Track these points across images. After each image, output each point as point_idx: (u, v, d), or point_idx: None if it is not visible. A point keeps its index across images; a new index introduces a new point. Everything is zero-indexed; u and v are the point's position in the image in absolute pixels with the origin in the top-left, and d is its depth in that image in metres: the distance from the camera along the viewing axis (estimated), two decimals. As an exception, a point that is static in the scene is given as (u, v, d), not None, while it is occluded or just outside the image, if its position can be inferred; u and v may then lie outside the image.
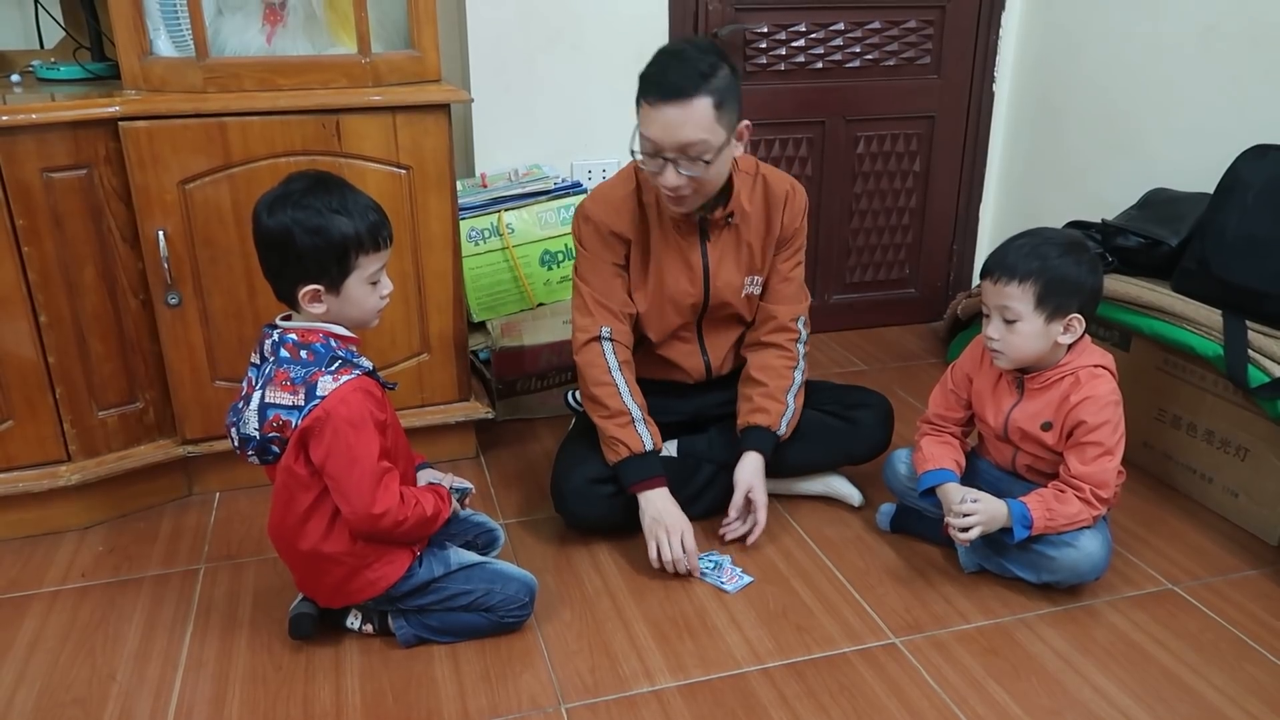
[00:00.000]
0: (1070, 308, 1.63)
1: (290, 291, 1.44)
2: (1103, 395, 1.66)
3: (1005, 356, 1.69)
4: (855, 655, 1.61)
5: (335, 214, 1.39)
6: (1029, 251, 1.64)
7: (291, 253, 1.39)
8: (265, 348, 1.45)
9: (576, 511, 1.88)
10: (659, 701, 1.51)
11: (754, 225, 1.88)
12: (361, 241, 1.42)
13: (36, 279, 1.77)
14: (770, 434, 1.87)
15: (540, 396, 2.43)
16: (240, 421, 1.44)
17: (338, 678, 1.55)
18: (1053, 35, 2.77)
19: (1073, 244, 1.66)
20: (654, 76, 1.64)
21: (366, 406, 1.42)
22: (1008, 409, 1.75)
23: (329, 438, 1.39)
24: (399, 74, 1.92)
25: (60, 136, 1.72)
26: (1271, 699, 1.52)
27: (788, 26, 2.70)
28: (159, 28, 1.83)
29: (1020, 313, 1.63)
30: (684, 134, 1.63)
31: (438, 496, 1.55)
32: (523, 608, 1.61)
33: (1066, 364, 1.69)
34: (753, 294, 1.94)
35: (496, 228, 2.36)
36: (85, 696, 1.51)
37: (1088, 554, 1.67)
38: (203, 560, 1.86)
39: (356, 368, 1.44)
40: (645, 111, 1.65)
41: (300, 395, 1.40)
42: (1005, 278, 1.64)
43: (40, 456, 1.88)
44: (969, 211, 3.06)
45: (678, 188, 1.69)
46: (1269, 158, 1.98)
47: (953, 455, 1.82)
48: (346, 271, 1.43)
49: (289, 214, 1.38)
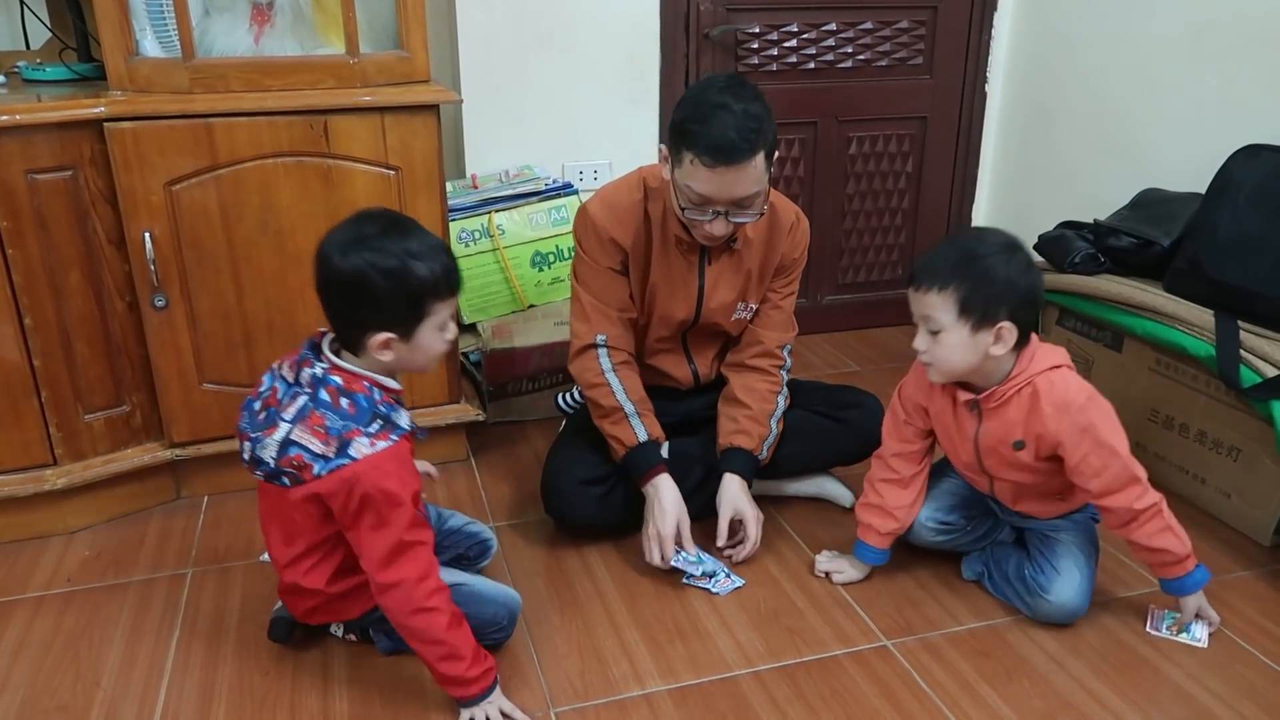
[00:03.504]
0: (998, 315, 1.48)
1: (359, 338, 1.37)
2: (1072, 399, 1.52)
3: (935, 369, 1.56)
4: (846, 658, 1.60)
5: (412, 258, 1.32)
6: (951, 255, 1.51)
7: (367, 299, 1.32)
8: (303, 375, 1.37)
9: (566, 513, 1.87)
10: (649, 705, 1.50)
11: (755, 251, 1.85)
12: (438, 288, 1.35)
13: (21, 282, 1.75)
14: (752, 457, 1.86)
15: (531, 399, 2.42)
16: (257, 443, 1.38)
17: (325, 684, 1.53)
18: (1045, 36, 2.77)
19: (1003, 245, 1.51)
20: (705, 137, 1.55)
21: (399, 475, 1.35)
22: (972, 435, 1.63)
23: (357, 504, 1.33)
24: (388, 75, 1.91)
25: (45, 138, 1.71)
26: (1264, 701, 1.51)
27: (779, 27, 2.69)
28: (145, 28, 1.82)
29: (942, 322, 1.50)
30: (740, 190, 1.60)
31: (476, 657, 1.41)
32: (501, 630, 1.57)
33: (1018, 375, 1.54)
34: (743, 319, 1.92)
35: (487, 229, 2.34)
36: (69, 703, 1.49)
37: (1059, 605, 1.65)
38: (190, 565, 1.84)
39: (396, 430, 1.37)
40: (696, 169, 1.58)
41: (332, 448, 1.33)
42: (926, 284, 1.51)
43: (26, 460, 1.86)
44: (961, 212, 3.06)
45: (725, 234, 1.69)
46: (1261, 158, 1.98)
47: (889, 519, 1.74)
48: (420, 319, 1.36)
49: (364, 257, 1.31)
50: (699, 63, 2.64)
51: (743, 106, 1.57)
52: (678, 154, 1.62)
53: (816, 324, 3.01)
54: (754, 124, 1.56)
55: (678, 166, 1.63)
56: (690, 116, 1.58)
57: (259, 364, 1.96)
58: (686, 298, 1.85)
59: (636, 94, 2.61)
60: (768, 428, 1.88)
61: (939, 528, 1.77)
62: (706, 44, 2.63)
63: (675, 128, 1.62)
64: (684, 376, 1.98)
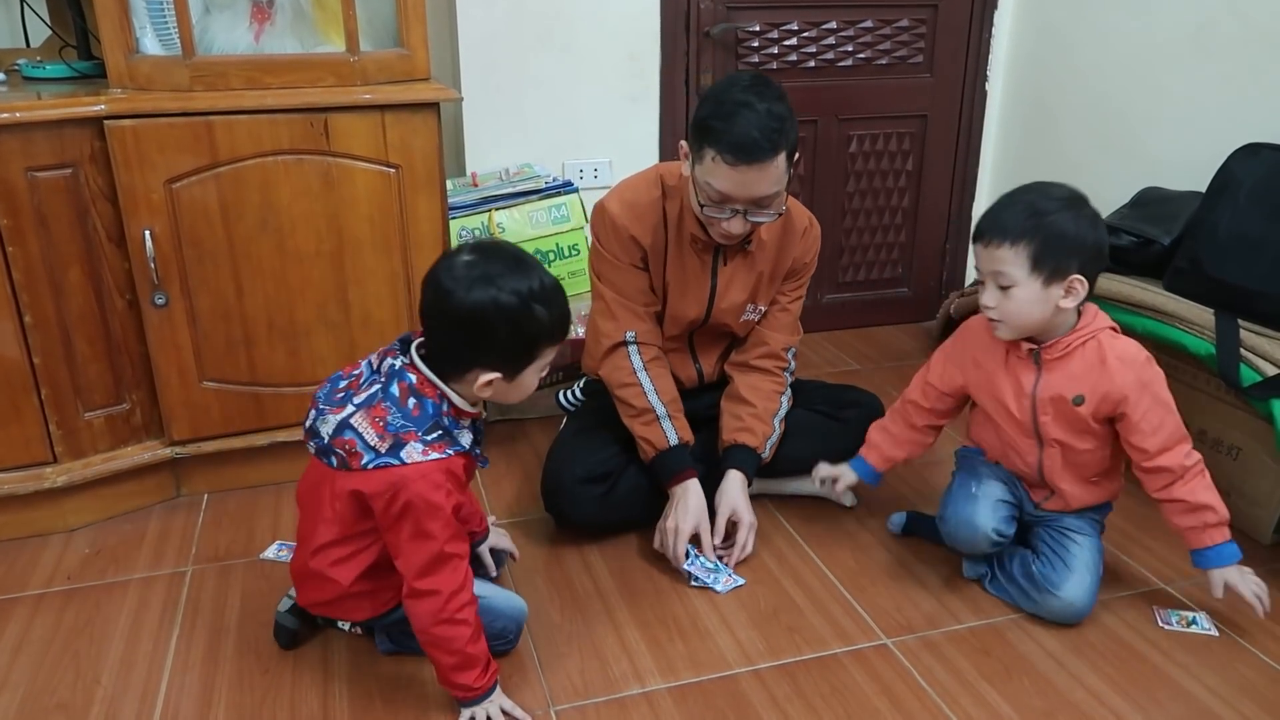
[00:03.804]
0: (1070, 268, 1.49)
1: (464, 372, 1.36)
2: (1135, 355, 1.56)
3: (1005, 325, 1.56)
4: (846, 656, 1.60)
5: (535, 302, 1.31)
6: (1022, 209, 1.51)
7: (484, 339, 1.31)
8: (384, 365, 1.38)
9: (566, 511, 1.87)
10: (649, 704, 1.50)
11: (768, 253, 1.85)
12: (554, 333, 1.36)
13: (21, 279, 1.75)
14: (755, 455, 1.86)
15: (531, 397, 2.41)
16: (320, 415, 1.38)
17: (325, 681, 1.53)
18: (1045, 34, 2.77)
19: (1071, 198, 1.52)
20: (728, 135, 1.55)
21: (446, 488, 1.34)
22: (1030, 389, 1.62)
23: (400, 509, 1.32)
24: (388, 72, 1.91)
25: (45, 135, 1.71)
26: (1263, 699, 1.51)
27: (780, 25, 2.69)
28: (145, 26, 1.82)
29: (1015, 277, 1.51)
30: (760, 189, 1.60)
31: (485, 666, 1.42)
32: (508, 643, 1.57)
33: (1082, 327, 1.57)
34: (751, 320, 1.92)
35: (487, 227, 2.34)
36: (69, 701, 1.49)
37: (1069, 603, 1.64)
38: (190, 562, 1.84)
39: (453, 445, 1.36)
40: (717, 167, 1.58)
41: (385, 444, 1.32)
42: (997, 240, 1.51)
43: (26, 458, 1.86)
44: (962, 211, 3.06)
45: (742, 233, 1.70)
46: (1261, 156, 1.98)
47: (887, 445, 1.84)
48: (530, 361, 1.37)
49: (490, 294, 1.29)
50: (699, 61, 2.64)
51: (766, 106, 1.56)
52: (699, 151, 1.62)
53: (817, 322, 3.01)
54: (777, 124, 1.56)
55: (698, 163, 1.63)
56: (713, 114, 1.58)
57: (259, 362, 1.96)
58: (698, 297, 1.85)
59: (637, 92, 2.61)
60: (771, 426, 1.88)
61: (999, 539, 1.70)
62: (707, 42, 2.63)
63: (698, 124, 1.61)
64: (688, 376, 1.98)
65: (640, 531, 1.92)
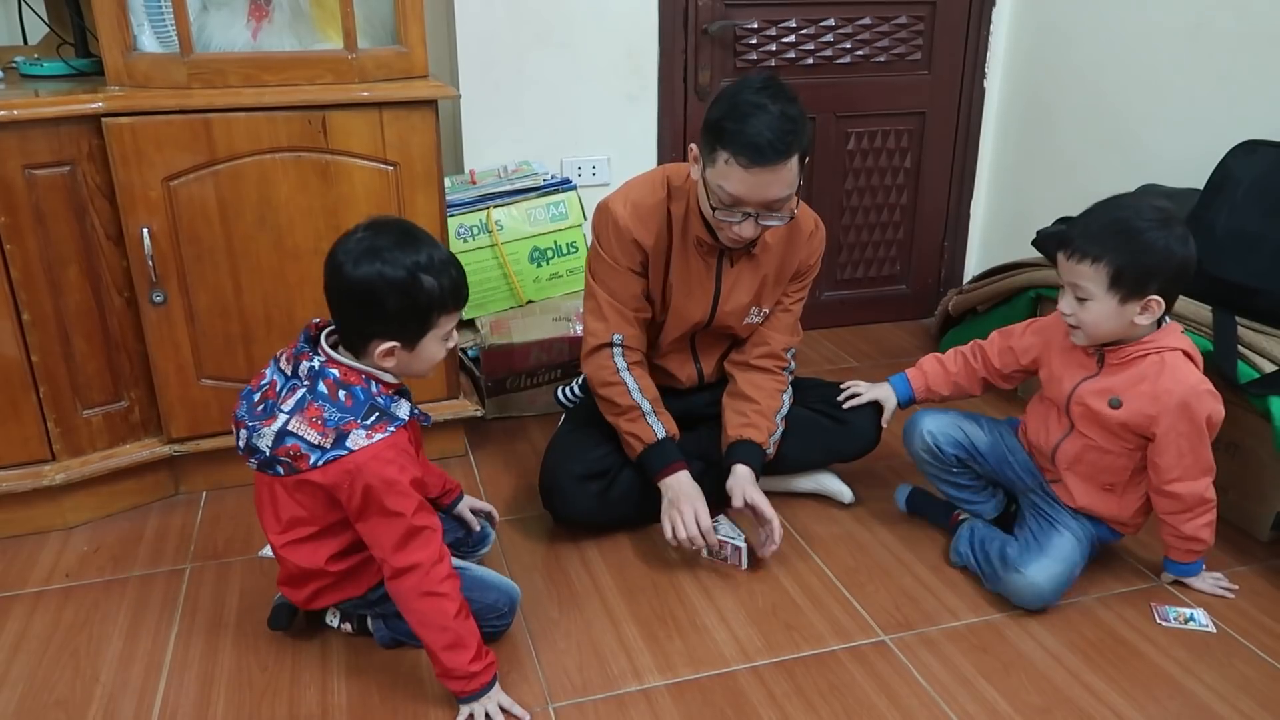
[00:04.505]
0: (1148, 289, 1.52)
1: (363, 344, 1.39)
2: (1194, 383, 1.56)
3: (1081, 333, 1.61)
4: (844, 653, 1.61)
5: (423, 272, 1.35)
6: (1108, 228, 1.53)
7: (376, 309, 1.35)
8: (302, 368, 1.39)
9: (564, 508, 1.87)
10: (647, 701, 1.50)
11: (774, 256, 1.85)
12: (445, 302, 1.39)
13: (19, 277, 1.75)
14: (760, 450, 1.86)
15: (529, 394, 2.42)
16: (254, 431, 1.40)
17: (324, 678, 1.54)
18: (1043, 31, 2.77)
19: (1161, 218, 1.53)
20: (742, 137, 1.55)
21: (398, 463, 1.37)
22: (1078, 380, 1.67)
23: (360, 496, 1.36)
24: (386, 70, 1.90)
25: (43, 133, 1.71)
26: (1261, 696, 1.51)
27: (778, 23, 2.69)
28: (143, 24, 1.82)
29: (1091, 292, 1.55)
30: (773, 192, 1.60)
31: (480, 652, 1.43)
32: (501, 617, 1.59)
33: (1151, 341, 1.59)
34: (754, 323, 1.92)
35: (485, 225, 2.34)
36: (68, 698, 1.50)
37: (1030, 583, 1.66)
38: (189, 560, 1.84)
39: (394, 421, 1.39)
40: (731, 169, 1.58)
41: (329, 439, 1.35)
42: (1078, 255, 1.55)
43: (24, 456, 1.86)
44: (960, 208, 3.06)
45: (753, 236, 1.69)
46: (1259, 153, 1.98)
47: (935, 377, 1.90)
48: (425, 330, 1.40)
49: (376, 268, 1.33)
50: (697, 58, 2.64)
51: (780, 108, 1.56)
52: (711, 153, 1.61)
53: (815, 320, 3.01)
54: (791, 126, 1.55)
55: (710, 166, 1.62)
56: (727, 115, 1.57)
57: (257, 359, 1.96)
58: (703, 299, 1.85)
59: (635, 90, 2.61)
60: (774, 423, 1.89)
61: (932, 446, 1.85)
62: (705, 40, 2.63)
63: (710, 126, 1.60)
64: (688, 376, 1.98)
65: (638, 529, 1.93)
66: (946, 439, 1.85)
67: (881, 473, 2.17)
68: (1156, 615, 1.70)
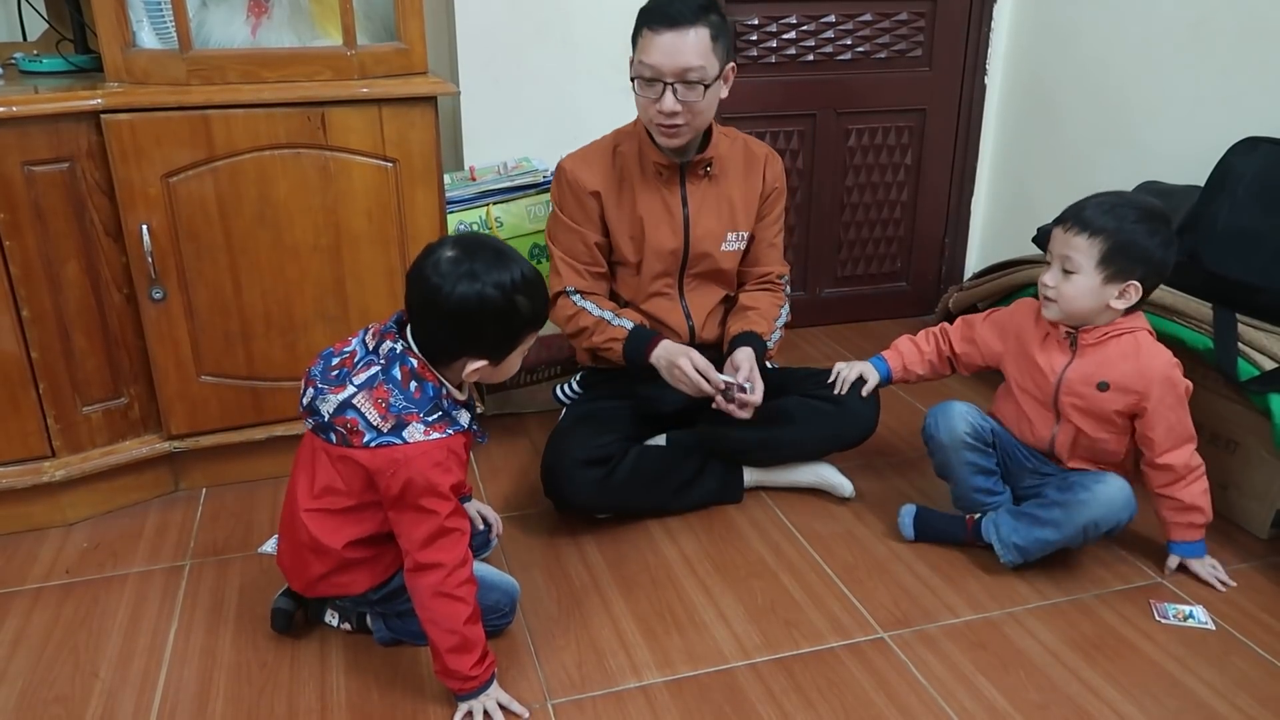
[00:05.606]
0: (1131, 274, 1.62)
1: (451, 360, 1.40)
2: (1167, 357, 1.67)
3: (1056, 306, 1.68)
4: (843, 650, 1.61)
5: (518, 294, 1.36)
6: (1107, 209, 1.63)
7: (471, 330, 1.37)
8: (384, 347, 1.40)
9: (565, 494, 1.87)
10: (646, 697, 1.50)
11: (734, 179, 1.98)
12: (534, 322, 1.42)
13: (18, 273, 1.75)
14: (763, 341, 1.97)
15: (529, 391, 2.42)
16: (320, 394, 1.40)
17: (323, 674, 1.54)
18: (1044, 28, 2.76)
19: (1153, 214, 1.64)
20: (657, 7, 1.78)
21: (446, 465, 1.38)
22: (1061, 368, 1.73)
23: (400, 487, 1.36)
24: (385, 66, 1.90)
25: (42, 129, 1.71)
26: (1260, 693, 1.51)
27: (778, 18, 2.69)
28: (142, 20, 1.82)
29: (1080, 265, 1.63)
30: (684, 59, 1.75)
31: (483, 656, 1.43)
32: (502, 616, 1.59)
33: (1122, 322, 1.68)
34: (736, 250, 2.01)
35: (485, 221, 2.34)
36: (68, 694, 1.50)
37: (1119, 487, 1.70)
38: (188, 556, 1.85)
39: (453, 425, 1.40)
40: (647, 39, 1.78)
41: (387, 424, 1.36)
42: (1076, 228, 1.64)
43: (24, 452, 1.86)
44: (961, 205, 3.06)
45: (674, 114, 1.80)
46: (1260, 150, 1.98)
47: (910, 357, 1.96)
48: (514, 348, 1.43)
49: (476, 290, 1.34)
50: (698, 55, 2.63)
51: None
52: (635, 41, 1.81)
53: (814, 317, 3.01)
54: (702, 2, 1.76)
55: (635, 54, 1.82)
56: (647, 5, 1.81)
57: (256, 356, 1.96)
58: (673, 226, 1.94)
59: (635, 86, 2.60)
60: (774, 327, 2.03)
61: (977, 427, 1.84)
62: (705, 36, 2.62)
63: (636, 21, 1.81)
64: (678, 323, 2.01)
65: (638, 524, 1.93)
66: (982, 419, 1.85)
67: (880, 468, 2.17)
68: (1155, 612, 1.70)
